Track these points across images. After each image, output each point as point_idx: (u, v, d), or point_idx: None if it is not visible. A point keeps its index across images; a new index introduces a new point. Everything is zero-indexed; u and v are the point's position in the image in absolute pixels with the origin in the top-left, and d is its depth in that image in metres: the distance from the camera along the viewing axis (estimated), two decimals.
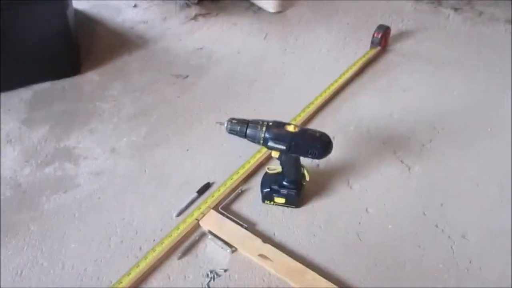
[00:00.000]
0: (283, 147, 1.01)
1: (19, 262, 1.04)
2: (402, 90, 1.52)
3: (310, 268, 0.99)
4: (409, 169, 1.25)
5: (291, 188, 1.12)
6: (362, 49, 1.65)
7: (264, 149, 1.26)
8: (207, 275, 1.00)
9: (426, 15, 1.88)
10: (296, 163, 1.08)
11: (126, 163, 1.29)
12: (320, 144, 1.02)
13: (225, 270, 1.02)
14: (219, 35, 1.80)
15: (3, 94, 1.50)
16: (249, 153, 1.28)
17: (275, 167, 1.15)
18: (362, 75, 1.57)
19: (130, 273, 0.98)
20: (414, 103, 1.47)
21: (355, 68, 1.56)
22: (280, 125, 1.02)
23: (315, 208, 1.15)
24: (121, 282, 0.97)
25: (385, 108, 1.45)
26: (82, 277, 1.01)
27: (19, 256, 1.05)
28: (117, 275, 1.00)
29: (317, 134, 1.03)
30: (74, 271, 1.02)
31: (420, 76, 1.57)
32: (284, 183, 1.12)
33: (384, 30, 1.63)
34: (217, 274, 1.01)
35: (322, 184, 1.21)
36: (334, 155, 1.27)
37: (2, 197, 1.19)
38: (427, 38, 1.75)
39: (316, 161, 1.25)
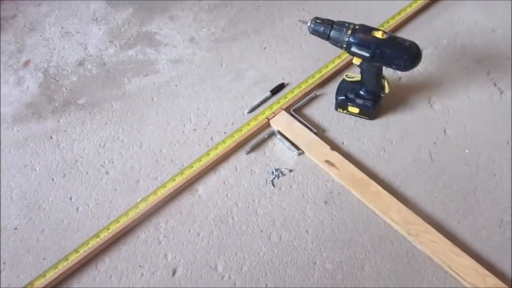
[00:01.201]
0: (367, 54, 0.95)
1: (102, 136, 1.14)
2: None
3: (375, 181, 0.99)
4: (501, 93, 1.15)
5: (368, 98, 1.08)
6: None
7: (345, 55, 1.21)
8: (272, 172, 1.04)
9: None
10: (378, 73, 1.02)
11: (203, 54, 1.29)
12: (408, 55, 0.95)
13: (290, 171, 1.04)
14: None
15: None
16: (328, 57, 1.23)
17: (354, 75, 1.10)
18: None
19: (200, 160, 1.05)
20: None
21: None
22: (368, 29, 0.95)
23: (390, 122, 1.12)
24: (192, 167, 1.03)
25: (488, 22, 1.29)
26: (158, 157, 1.08)
27: (102, 130, 1.15)
28: (189, 159, 1.06)
29: (406, 44, 0.95)
30: (150, 151, 1.10)
31: None
32: (361, 92, 1.08)
33: None
34: (282, 173, 1.04)
35: (401, 99, 1.15)
36: (419, 69, 1.20)
37: (88, 74, 1.27)
38: None
39: (399, 73, 1.19)
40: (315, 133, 1.09)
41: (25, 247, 0.96)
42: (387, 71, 1.07)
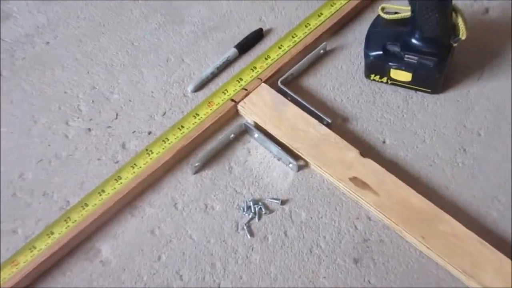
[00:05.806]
0: None
1: None
2: None
3: (449, 213, 0.77)
4: None
5: (428, 52, 0.85)
6: None
7: None
8: (249, 207, 0.79)
9: None
10: (442, 2, 0.82)
11: None
12: None
13: (283, 202, 0.80)
14: None
15: None
16: None
17: (398, 7, 0.89)
18: None
19: (103, 191, 0.82)
20: None
21: None
22: None
23: (472, 97, 0.89)
24: (86, 206, 0.79)
25: None
26: (16, 190, 0.84)
27: None
28: (80, 191, 0.82)
29: None
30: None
31: None
32: (414, 41, 0.85)
33: None
34: (266, 207, 0.80)
35: (492, 50, 0.93)
36: None
37: None
38: None
39: (485, 1, 0.98)
40: (328, 125, 0.84)
41: None
42: None
